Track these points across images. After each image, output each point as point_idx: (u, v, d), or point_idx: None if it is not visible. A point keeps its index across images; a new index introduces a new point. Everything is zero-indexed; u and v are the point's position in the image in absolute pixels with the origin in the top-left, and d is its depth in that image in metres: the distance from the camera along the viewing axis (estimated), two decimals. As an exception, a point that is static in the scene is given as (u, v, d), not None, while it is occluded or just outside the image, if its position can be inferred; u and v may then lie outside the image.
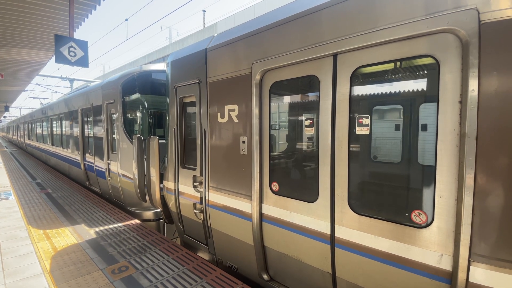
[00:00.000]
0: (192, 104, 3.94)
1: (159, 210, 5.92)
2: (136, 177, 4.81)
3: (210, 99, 3.51)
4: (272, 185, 2.94)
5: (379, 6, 2.03)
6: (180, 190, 4.14)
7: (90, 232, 4.93)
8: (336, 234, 2.41)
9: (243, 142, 3.10)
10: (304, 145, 2.91)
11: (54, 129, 12.24)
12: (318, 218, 2.52)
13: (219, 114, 3.40)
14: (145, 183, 4.81)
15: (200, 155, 3.70)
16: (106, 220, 5.61)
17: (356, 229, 2.27)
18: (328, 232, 2.46)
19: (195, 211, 3.88)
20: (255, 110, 2.96)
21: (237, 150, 3.18)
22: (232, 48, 3.21)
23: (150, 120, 6.29)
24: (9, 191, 8.15)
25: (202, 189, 3.74)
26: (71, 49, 5.68)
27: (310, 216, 2.58)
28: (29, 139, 19.61)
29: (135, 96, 6.18)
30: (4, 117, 42.27)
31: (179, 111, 4.11)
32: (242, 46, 3.08)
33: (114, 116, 6.36)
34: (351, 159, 2.30)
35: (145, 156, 4.71)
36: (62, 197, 7.49)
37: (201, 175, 3.72)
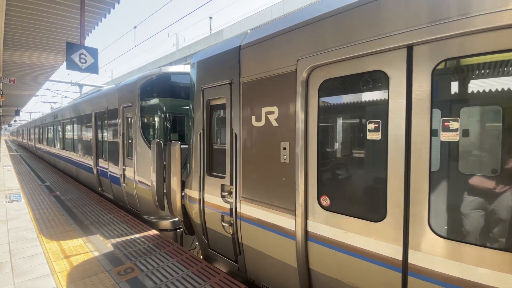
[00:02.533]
0: (221, 107, 3.64)
1: (176, 219, 5.71)
2: (154, 184, 4.56)
3: (244, 101, 3.18)
4: (322, 199, 2.53)
5: None
6: (205, 199, 3.79)
7: (97, 235, 5.02)
8: (410, 261, 2.01)
9: (284, 148, 2.73)
10: (365, 153, 2.45)
11: (66, 133, 12.13)
12: (386, 241, 2.13)
13: (254, 118, 3.06)
14: (164, 190, 4.56)
15: (230, 162, 3.36)
16: (112, 223, 5.71)
17: (440, 256, 1.88)
18: (400, 257, 2.06)
19: (223, 223, 3.48)
20: (300, 112, 2.59)
21: (277, 158, 2.82)
22: (272, 43, 2.87)
23: (169, 125, 6.03)
24: (18, 193, 8.34)
25: (231, 200, 3.39)
26: (82, 56, 5.87)
27: (375, 237, 2.19)
28: (39, 143, 19.74)
29: (154, 99, 5.94)
30: (14, 121, 43.29)
31: (206, 115, 3.79)
32: (285, 40, 2.76)
33: (131, 120, 6.08)
34: (433, 171, 1.93)
35: (164, 162, 4.48)
36: (70, 199, 7.63)
37: (231, 184, 3.37)
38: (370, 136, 2.25)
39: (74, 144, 10.61)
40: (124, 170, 6.46)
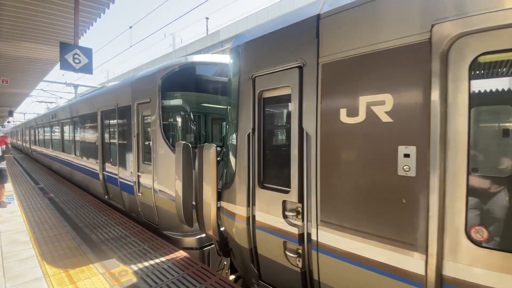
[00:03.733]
0: (282, 99, 2.87)
1: (203, 235, 4.79)
2: (180, 194, 3.83)
3: (325, 89, 2.37)
4: (473, 231, 1.78)
5: None
6: (257, 218, 2.99)
7: (92, 237, 4.96)
8: None
9: (407, 155, 1.90)
10: None
11: (66, 134, 11.10)
12: None
13: (344, 111, 2.24)
14: (193, 203, 3.88)
15: (299, 171, 2.57)
16: (108, 225, 5.64)
17: None
18: None
19: (288, 253, 2.69)
20: (438, 102, 1.79)
21: (390, 168, 1.98)
22: (380, 5, 2.06)
23: (194, 125, 5.26)
24: (11, 195, 8.22)
25: (299, 222, 2.59)
26: (76, 56, 5.80)
27: None
28: (35, 144, 18.91)
29: (179, 94, 5.10)
30: (8, 122, 42.77)
31: (258, 110, 3.00)
32: None
33: (149, 119, 5.21)
34: None
35: (194, 169, 3.79)
36: (64, 201, 7.54)
37: (299, 201, 2.57)
38: None
39: (76, 146, 9.62)
40: (139, 177, 5.54)
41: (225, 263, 3.95)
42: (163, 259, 4.07)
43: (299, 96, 2.56)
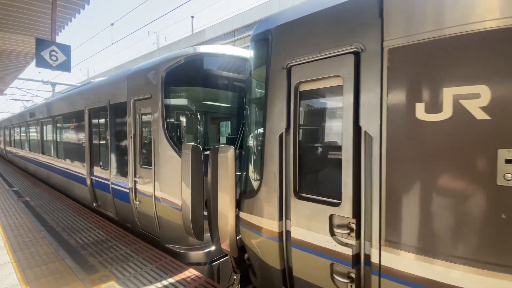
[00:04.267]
0: (329, 92, 2.47)
1: (212, 248, 4.30)
2: (188, 203, 3.41)
3: (393, 79, 1.96)
4: None
5: None
6: (293, 235, 2.53)
7: (70, 241, 4.77)
8: None
9: (509, 161, 1.59)
10: None
11: (46, 134, 10.12)
12: None
13: (421, 106, 1.85)
14: (204, 213, 3.49)
15: (354, 180, 2.15)
16: (88, 229, 5.45)
17: None
18: None
19: (336, 276, 2.28)
20: None
21: (486, 177, 1.65)
22: None
23: (203, 124, 4.75)
24: (-17, 199, 7.77)
25: (353, 241, 2.18)
26: (53, 53, 5.58)
27: None
28: (10, 145, 17.64)
29: (186, 89, 4.58)
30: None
31: (294, 105, 2.55)
32: None
33: (149, 117, 4.66)
34: None
35: (205, 175, 3.41)
36: (41, 205, 7.21)
37: (354, 216, 2.16)
38: None
39: (58, 148, 8.72)
40: (136, 183, 4.92)
41: (235, 277, 3.55)
42: (147, 263, 3.98)
43: (355, 88, 2.12)
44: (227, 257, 4.02)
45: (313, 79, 2.41)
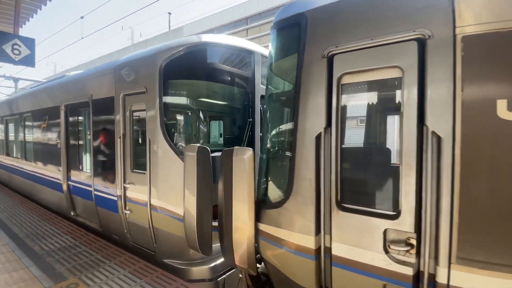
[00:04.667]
0: (383, 85, 2.18)
1: (218, 262, 3.86)
2: (193, 213, 3.05)
3: (468, 71, 1.68)
4: None
5: None
6: (335, 252, 2.23)
7: (35, 248, 4.49)
8: None
9: None
10: None
11: (9, 134, 9.19)
12: None
13: (503, 103, 1.62)
14: (212, 223, 3.12)
15: (417, 188, 1.89)
16: (54, 235, 5.15)
17: None
18: None
19: None
20: None
21: None
22: None
23: (205, 124, 4.34)
24: None
25: (412, 259, 1.92)
26: (16, 46, 5.22)
27: None
28: None
29: (189, 83, 4.11)
30: None
31: (336, 101, 2.20)
32: None
33: (143, 115, 4.11)
34: None
35: (218, 180, 3.00)
36: (2, 210, 6.70)
37: (415, 230, 1.90)
38: None
39: (27, 149, 7.79)
40: (125, 189, 4.37)
41: None
42: (119, 268, 3.84)
43: (419, 81, 1.84)
44: (233, 270, 3.85)
45: (362, 70, 2.08)
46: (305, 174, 2.28)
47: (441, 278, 1.77)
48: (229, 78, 4.29)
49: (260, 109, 4.47)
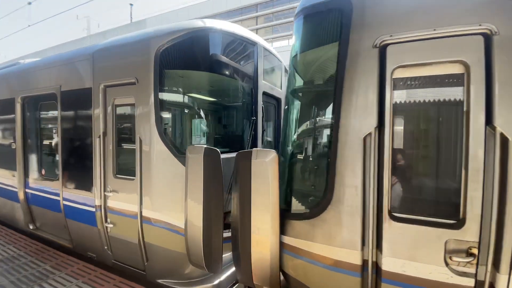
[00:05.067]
0: (444, 80, 1.94)
1: (222, 279, 3.40)
2: (198, 225, 2.70)
3: None
4: None
5: None
6: (385, 268, 2.02)
7: (-32, 262, 3.97)
8: None
9: None
10: None
11: None
12: None
13: None
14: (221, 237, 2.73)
15: (484, 195, 1.76)
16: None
17: None
18: None
19: None
20: None
21: None
22: None
23: (213, 121, 3.96)
24: None
25: (473, 270, 1.82)
26: None
27: None
28: None
29: (190, 73, 3.66)
30: None
31: (390, 96, 1.97)
32: None
33: (130, 110, 3.60)
34: None
35: (229, 187, 2.68)
36: None
37: (480, 239, 1.79)
38: None
39: None
40: (106, 198, 3.73)
41: None
42: (72, 279, 3.56)
43: (487, 78, 1.71)
44: (237, 284, 3.43)
45: (420, 64, 1.89)
46: (350, 181, 2.04)
47: (501, 285, 1.70)
48: (233, 71, 3.86)
49: (262, 107, 4.16)
